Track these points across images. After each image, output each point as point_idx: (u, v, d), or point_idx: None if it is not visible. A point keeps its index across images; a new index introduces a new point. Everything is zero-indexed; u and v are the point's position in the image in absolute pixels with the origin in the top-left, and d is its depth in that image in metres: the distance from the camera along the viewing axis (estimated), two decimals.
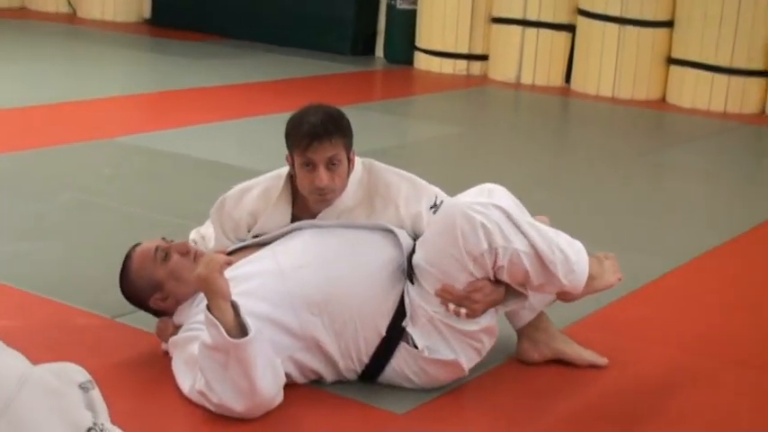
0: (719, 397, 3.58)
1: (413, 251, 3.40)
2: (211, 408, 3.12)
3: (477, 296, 3.30)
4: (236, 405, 3.08)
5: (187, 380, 3.21)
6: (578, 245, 3.41)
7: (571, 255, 3.35)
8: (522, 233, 3.26)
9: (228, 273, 3.26)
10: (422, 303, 3.33)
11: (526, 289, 3.37)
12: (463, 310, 3.30)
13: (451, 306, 3.30)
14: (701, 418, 3.42)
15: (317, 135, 3.40)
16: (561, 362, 3.67)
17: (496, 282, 3.34)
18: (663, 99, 9.84)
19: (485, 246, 3.23)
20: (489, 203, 3.28)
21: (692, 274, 4.90)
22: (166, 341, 3.42)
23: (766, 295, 4.67)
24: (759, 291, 4.73)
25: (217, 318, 3.05)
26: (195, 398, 3.17)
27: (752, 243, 5.49)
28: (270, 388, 3.09)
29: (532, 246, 3.27)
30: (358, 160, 3.58)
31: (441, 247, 3.30)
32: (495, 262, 3.27)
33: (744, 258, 5.23)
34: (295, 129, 3.46)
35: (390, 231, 3.47)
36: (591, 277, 3.41)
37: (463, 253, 3.25)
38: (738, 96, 9.44)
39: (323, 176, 3.43)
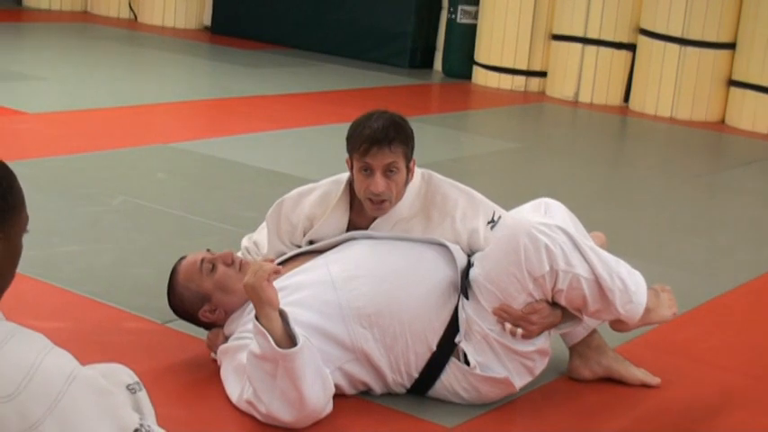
0: None
1: (467, 267, 3.37)
2: (260, 417, 3.11)
3: (534, 318, 3.29)
4: (285, 415, 3.06)
5: (236, 388, 3.20)
6: (638, 275, 3.40)
7: (630, 284, 3.33)
8: (585, 258, 3.25)
9: (280, 282, 3.26)
10: (477, 320, 3.30)
11: (581, 313, 3.36)
12: (519, 331, 3.28)
13: (508, 326, 3.28)
14: None
15: (377, 140, 3.37)
16: (612, 380, 3.64)
17: (553, 304, 3.32)
18: (722, 121, 9.77)
19: (546, 268, 3.22)
20: (555, 225, 3.28)
21: (747, 296, 4.85)
22: (216, 352, 3.41)
23: None
24: None
25: (265, 327, 3.03)
26: (243, 407, 3.15)
27: None
28: (318, 398, 3.07)
29: (593, 272, 3.25)
30: (417, 171, 3.55)
31: (503, 265, 3.28)
32: (555, 285, 3.26)
33: None
34: (356, 132, 3.43)
35: (445, 246, 3.44)
36: (647, 309, 3.41)
37: (525, 273, 3.24)
38: None
39: (379, 183, 3.40)
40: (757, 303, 4.78)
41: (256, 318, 3.07)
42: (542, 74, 10.57)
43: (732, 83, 9.69)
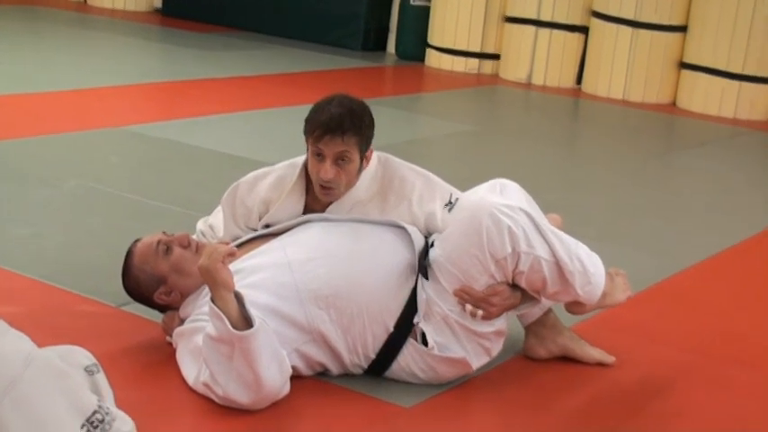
0: (723, 397, 3.58)
1: (424, 248, 3.38)
2: (216, 400, 3.10)
3: (495, 300, 3.30)
4: (242, 397, 3.06)
5: (192, 371, 3.19)
6: (596, 258, 3.44)
7: (589, 266, 3.38)
8: (546, 241, 3.28)
9: (236, 265, 3.25)
10: (438, 301, 3.31)
11: (540, 295, 3.38)
12: (480, 312, 3.30)
13: (468, 307, 3.29)
14: (705, 417, 3.42)
15: (330, 129, 3.35)
16: (568, 359, 3.67)
17: (513, 286, 3.34)
18: (673, 103, 9.85)
19: (509, 249, 3.24)
20: (516, 207, 3.29)
21: (700, 275, 4.89)
22: (172, 335, 3.40)
23: None
24: (765, 293, 4.71)
25: (221, 309, 3.02)
26: (200, 389, 3.14)
27: (758, 246, 5.49)
28: (275, 380, 3.07)
29: (554, 254, 3.28)
30: (374, 154, 3.54)
31: (464, 247, 3.29)
32: (516, 267, 3.28)
33: (750, 261, 5.24)
34: (314, 116, 3.41)
35: (402, 228, 3.44)
36: (602, 293, 3.44)
37: (487, 255, 3.26)
38: (748, 103, 9.43)
39: (328, 170, 3.38)
40: (711, 282, 4.82)
41: (212, 300, 3.06)
42: (495, 56, 10.59)
43: (684, 65, 9.76)
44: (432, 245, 3.40)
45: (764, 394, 3.63)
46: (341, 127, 3.35)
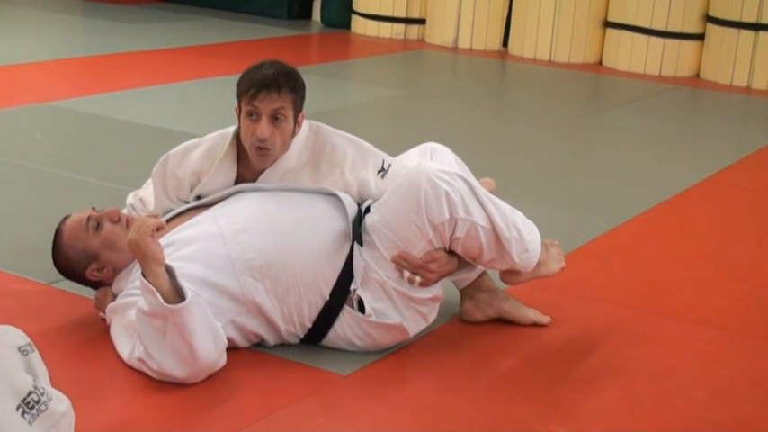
0: (658, 352, 3.61)
1: (358, 215, 3.37)
2: (152, 374, 3.08)
3: (432, 266, 3.32)
4: (177, 371, 3.04)
5: (126, 346, 3.16)
6: (533, 225, 3.47)
7: (526, 234, 3.40)
8: (483, 207, 3.30)
9: (168, 238, 3.23)
10: (375, 267, 3.32)
11: (476, 262, 3.39)
12: (418, 279, 3.31)
13: (406, 273, 3.31)
14: (641, 372, 3.44)
15: (266, 85, 3.35)
16: (504, 321, 3.69)
17: (450, 252, 3.35)
18: (599, 62, 9.91)
19: (446, 215, 3.26)
20: (453, 173, 3.30)
21: (632, 232, 4.94)
22: (105, 311, 3.36)
23: (704, 252, 4.72)
24: (697, 247, 4.78)
25: (152, 283, 2.99)
26: (135, 364, 3.12)
27: (688, 201, 5.54)
28: (210, 352, 3.05)
29: (491, 221, 3.30)
30: (305, 122, 3.53)
31: (403, 212, 3.30)
32: (453, 233, 3.30)
33: (680, 216, 5.29)
34: (246, 77, 3.41)
35: (335, 196, 3.43)
36: (537, 262, 3.47)
37: (425, 220, 3.27)
38: (673, 60, 9.52)
39: (265, 128, 3.37)
40: (643, 238, 4.87)
41: (143, 275, 3.03)
42: (421, 21, 10.58)
43: (608, 24, 9.82)
44: (367, 211, 3.40)
45: (692, 347, 3.68)
46: (276, 83, 3.36)
